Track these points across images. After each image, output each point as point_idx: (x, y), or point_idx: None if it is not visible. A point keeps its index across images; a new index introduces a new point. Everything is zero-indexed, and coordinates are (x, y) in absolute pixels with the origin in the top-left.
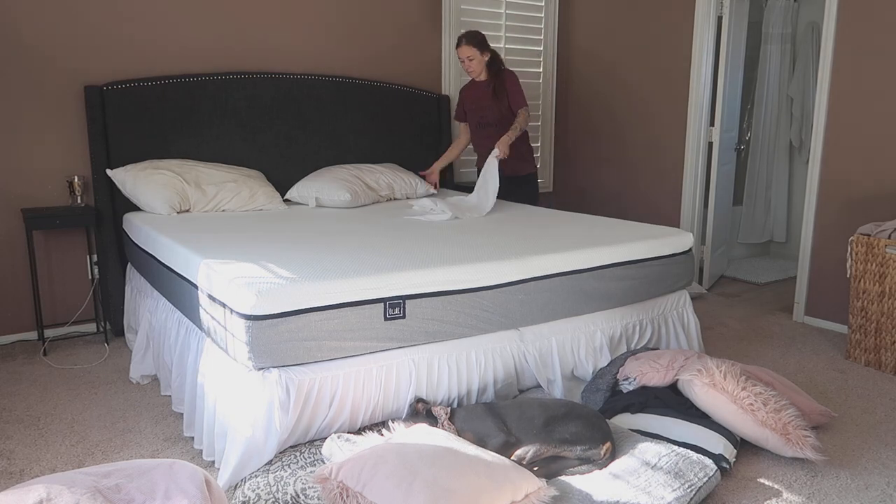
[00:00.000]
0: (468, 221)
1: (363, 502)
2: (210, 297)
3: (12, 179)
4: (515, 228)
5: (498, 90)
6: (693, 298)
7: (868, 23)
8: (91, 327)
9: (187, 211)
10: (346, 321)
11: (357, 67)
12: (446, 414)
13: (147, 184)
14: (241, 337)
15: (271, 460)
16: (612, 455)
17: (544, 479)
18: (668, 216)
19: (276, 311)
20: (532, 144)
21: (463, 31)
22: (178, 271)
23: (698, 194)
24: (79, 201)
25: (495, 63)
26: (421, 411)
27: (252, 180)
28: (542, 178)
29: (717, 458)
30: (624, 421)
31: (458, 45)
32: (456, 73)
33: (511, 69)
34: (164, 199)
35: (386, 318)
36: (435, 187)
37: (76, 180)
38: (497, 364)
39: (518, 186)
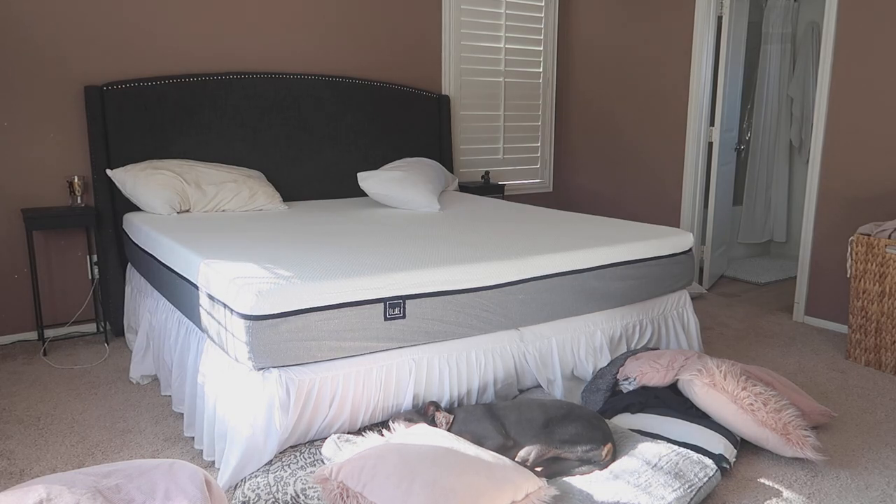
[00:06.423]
0: (468, 220)
1: (363, 503)
2: (210, 297)
3: (12, 179)
4: (515, 228)
5: None
6: (693, 298)
7: (868, 23)
8: (91, 327)
9: (187, 211)
10: (346, 321)
11: (357, 67)
12: (447, 423)
13: (147, 184)
14: (241, 337)
15: (271, 460)
16: (613, 457)
17: (545, 479)
18: (668, 216)
19: (276, 312)
20: (532, 144)
21: (464, 31)
22: (178, 271)
23: (698, 194)
24: (79, 201)
25: None
26: (429, 413)
27: (252, 180)
28: (542, 178)
29: (718, 458)
30: (624, 421)
31: None
32: (456, 73)
33: None
34: (164, 199)
35: (386, 318)
36: None
37: (76, 180)
38: (497, 364)
39: None
